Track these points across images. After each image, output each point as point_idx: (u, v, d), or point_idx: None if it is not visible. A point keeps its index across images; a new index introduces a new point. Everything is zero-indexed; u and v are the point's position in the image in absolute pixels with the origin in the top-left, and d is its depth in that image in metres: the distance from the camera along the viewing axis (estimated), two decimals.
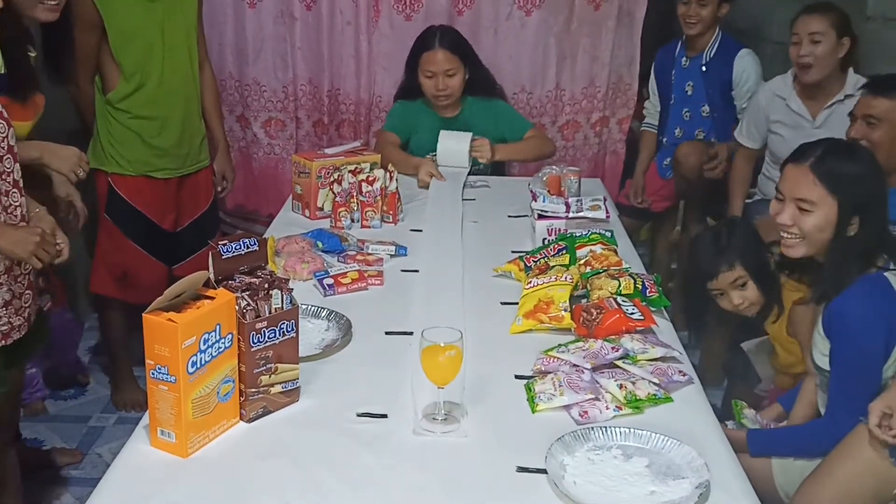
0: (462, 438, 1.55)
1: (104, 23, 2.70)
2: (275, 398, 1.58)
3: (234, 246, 1.54)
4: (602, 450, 1.50)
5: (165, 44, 2.81)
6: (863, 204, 1.87)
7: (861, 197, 1.87)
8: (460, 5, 3.60)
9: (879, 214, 1.91)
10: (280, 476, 1.43)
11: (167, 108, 2.85)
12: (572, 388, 1.64)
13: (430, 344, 1.52)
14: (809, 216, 1.89)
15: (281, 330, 1.54)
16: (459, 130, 3.13)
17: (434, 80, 3.07)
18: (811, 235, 1.90)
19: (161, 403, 1.44)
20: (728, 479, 1.44)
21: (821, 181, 1.86)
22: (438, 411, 1.58)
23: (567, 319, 1.91)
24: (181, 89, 2.89)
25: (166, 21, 2.81)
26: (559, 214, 2.47)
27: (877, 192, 1.91)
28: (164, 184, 2.93)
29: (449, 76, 3.06)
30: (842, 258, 1.88)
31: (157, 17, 2.78)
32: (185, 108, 2.91)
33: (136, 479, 1.42)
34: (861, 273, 1.86)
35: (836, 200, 1.86)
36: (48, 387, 3.14)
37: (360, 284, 2.15)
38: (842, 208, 1.86)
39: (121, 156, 2.85)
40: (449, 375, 1.54)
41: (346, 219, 2.59)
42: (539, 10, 3.61)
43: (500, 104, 3.28)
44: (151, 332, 1.40)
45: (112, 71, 2.78)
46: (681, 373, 1.74)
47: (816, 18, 2.86)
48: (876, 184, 1.92)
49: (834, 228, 1.87)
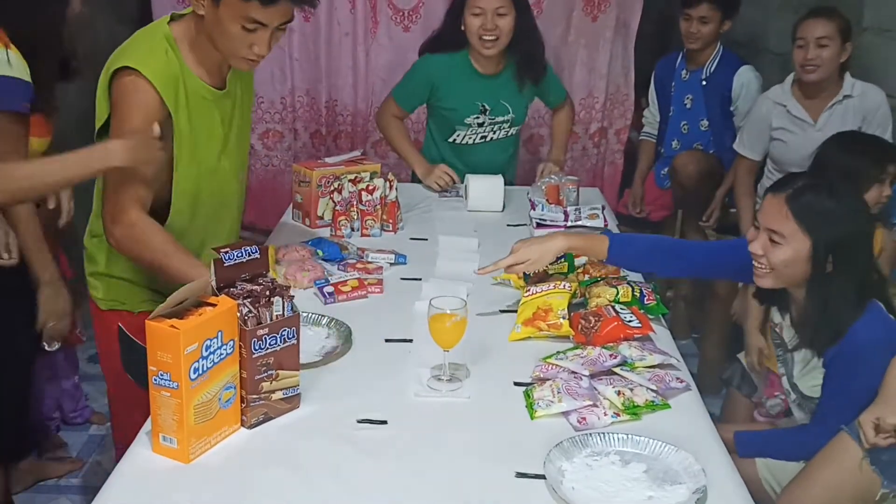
0: (464, 438, 1.57)
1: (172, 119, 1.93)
2: (276, 404, 1.59)
3: (235, 254, 1.56)
4: (600, 455, 1.52)
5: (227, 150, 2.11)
6: (838, 243, 1.81)
7: (836, 236, 1.80)
8: None
9: (860, 255, 1.85)
10: (280, 481, 1.44)
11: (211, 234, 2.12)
12: (571, 394, 1.66)
13: (438, 311, 1.70)
14: (779, 249, 1.83)
15: (282, 337, 1.56)
16: (498, 93, 2.96)
17: (482, 17, 2.80)
18: (779, 269, 1.85)
19: (163, 409, 1.45)
20: (725, 483, 1.46)
21: (794, 216, 1.81)
22: (444, 372, 1.74)
23: (565, 327, 1.93)
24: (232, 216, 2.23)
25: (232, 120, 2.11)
26: (558, 223, 2.49)
27: (856, 231, 1.84)
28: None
29: (499, 15, 2.80)
30: (823, 299, 1.83)
31: (222, 113, 2.07)
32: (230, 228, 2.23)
33: (139, 484, 1.43)
34: (852, 321, 1.82)
35: (808, 237, 1.81)
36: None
37: (360, 292, 2.17)
38: (815, 246, 1.80)
39: (131, 291, 2.11)
40: (454, 339, 1.72)
41: (346, 227, 2.61)
42: (537, 21, 3.64)
43: (548, 71, 3.11)
44: (154, 339, 1.42)
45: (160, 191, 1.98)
46: (678, 380, 1.76)
47: (822, 23, 2.88)
48: (855, 223, 1.84)
49: (807, 265, 1.82)
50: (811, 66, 2.88)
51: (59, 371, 2.95)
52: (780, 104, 3.05)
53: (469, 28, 2.85)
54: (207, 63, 1.98)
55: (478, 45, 2.86)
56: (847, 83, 2.94)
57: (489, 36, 2.82)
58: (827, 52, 2.86)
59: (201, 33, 1.93)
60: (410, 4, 3.66)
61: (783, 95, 3.04)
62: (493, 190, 2.89)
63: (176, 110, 1.92)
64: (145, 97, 1.87)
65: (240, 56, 1.92)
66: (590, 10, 3.73)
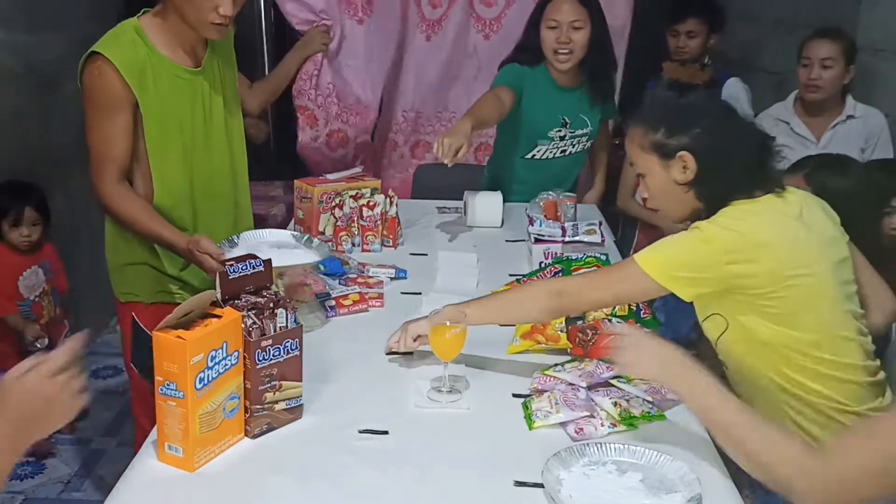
0: (464, 448, 1.60)
1: (137, 101, 2.06)
2: (279, 415, 1.62)
3: (240, 267, 1.59)
4: (597, 465, 1.54)
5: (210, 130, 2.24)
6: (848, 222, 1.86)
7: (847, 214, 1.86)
8: (486, 30, 3.61)
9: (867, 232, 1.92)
10: (283, 490, 1.47)
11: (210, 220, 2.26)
12: (568, 405, 1.68)
13: (438, 323, 1.72)
14: None
15: (286, 348, 1.59)
16: (577, 106, 2.97)
17: (557, 31, 2.80)
18: None
19: (169, 419, 1.48)
20: (719, 492, 1.48)
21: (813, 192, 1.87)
22: (444, 384, 1.75)
23: (563, 340, 1.96)
24: (227, 188, 2.34)
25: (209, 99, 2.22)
26: (555, 238, 2.52)
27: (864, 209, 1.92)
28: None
29: (575, 28, 2.80)
30: None
31: (200, 90, 2.19)
32: (236, 214, 2.37)
33: (144, 493, 1.46)
34: None
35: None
36: None
37: (361, 306, 2.20)
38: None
39: (139, 283, 2.27)
40: (454, 351, 1.74)
41: (347, 243, 2.64)
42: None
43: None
44: (161, 350, 1.45)
45: (137, 172, 2.15)
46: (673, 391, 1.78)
47: (828, 44, 2.92)
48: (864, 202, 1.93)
49: None
50: (814, 85, 2.92)
51: None
52: (782, 121, 3.08)
53: (545, 41, 2.84)
54: (180, 45, 2.14)
55: (552, 59, 2.86)
56: (849, 104, 2.98)
57: (564, 49, 2.82)
58: (830, 73, 2.91)
59: (170, 15, 2.09)
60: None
61: (786, 112, 3.08)
62: (492, 206, 2.92)
63: (142, 92, 2.05)
64: (109, 80, 2.01)
65: (208, 22, 2.04)
66: None
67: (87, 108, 2.05)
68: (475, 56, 3.63)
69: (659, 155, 1.78)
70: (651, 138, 1.78)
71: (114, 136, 2.04)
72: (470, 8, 3.57)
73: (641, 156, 1.81)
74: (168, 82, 2.10)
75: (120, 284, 2.29)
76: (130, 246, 2.22)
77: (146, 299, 2.25)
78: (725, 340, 1.78)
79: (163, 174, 2.14)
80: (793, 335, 1.70)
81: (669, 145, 1.76)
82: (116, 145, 2.05)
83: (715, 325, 1.78)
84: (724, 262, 1.66)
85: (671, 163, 1.77)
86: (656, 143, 1.78)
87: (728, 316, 1.75)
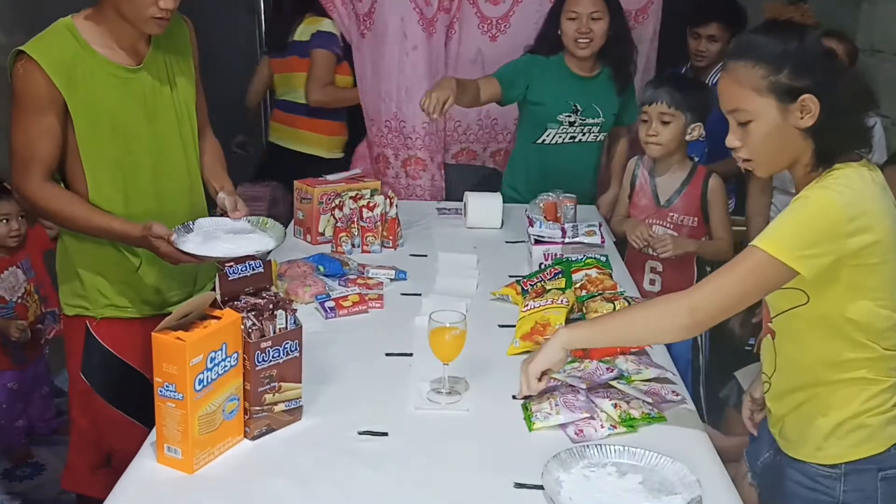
0: (464, 449, 1.60)
1: (65, 101, 1.97)
2: (278, 416, 1.62)
3: (240, 268, 1.59)
4: (597, 467, 1.54)
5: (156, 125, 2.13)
6: None
7: None
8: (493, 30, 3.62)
9: None
10: (282, 492, 1.46)
11: (163, 219, 2.02)
12: (568, 407, 1.68)
13: (438, 325, 1.72)
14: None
15: (285, 349, 1.59)
16: (590, 95, 3.06)
17: (577, 21, 2.95)
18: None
19: (168, 420, 1.48)
20: (719, 494, 1.48)
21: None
22: (444, 385, 1.76)
23: None
24: (181, 188, 2.21)
25: (153, 94, 2.11)
26: (555, 240, 2.52)
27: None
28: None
29: (594, 19, 2.94)
30: None
31: (141, 88, 2.09)
32: (191, 211, 2.20)
33: (143, 494, 1.46)
34: None
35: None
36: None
37: (360, 307, 2.20)
38: None
39: (100, 293, 2.13)
40: (454, 353, 1.74)
41: (346, 244, 2.64)
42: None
43: (631, 86, 3.21)
44: (160, 351, 1.45)
45: (74, 172, 2.05)
46: (674, 393, 1.78)
47: (833, 44, 2.91)
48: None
49: None
50: None
51: (27, 382, 2.97)
52: None
53: (565, 32, 2.98)
54: (119, 43, 2.03)
55: (572, 47, 3.00)
56: None
57: (583, 39, 2.96)
58: None
59: (108, 12, 1.99)
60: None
61: None
62: (491, 207, 2.93)
63: (71, 92, 1.97)
64: (34, 80, 1.94)
65: (147, 17, 1.96)
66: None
67: (13, 108, 1.98)
68: (479, 60, 3.64)
69: (777, 97, 1.61)
70: (773, 79, 1.61)
71: (39, 136, 1.97)
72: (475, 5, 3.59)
73: (754, 99, 1.62)
74: (102, 81, 2.01)
75: (68, 296, 2.18)
76: (82, 253, 2.12)
77: (97, 314, 2.14)
78: (795, 313, 1.65)
79: (96, 174, 2.04)
80: (882, 314, 1.59)
81: (794, 87, 1.60)
82: (42, 146, 1.98)
83: (787, 298, 1.64)
84: (844, 232, 1.53)
85: (791, 106, 1.60)
86: (778, 85, 1.60)
87: (816, 290, 1.60)
